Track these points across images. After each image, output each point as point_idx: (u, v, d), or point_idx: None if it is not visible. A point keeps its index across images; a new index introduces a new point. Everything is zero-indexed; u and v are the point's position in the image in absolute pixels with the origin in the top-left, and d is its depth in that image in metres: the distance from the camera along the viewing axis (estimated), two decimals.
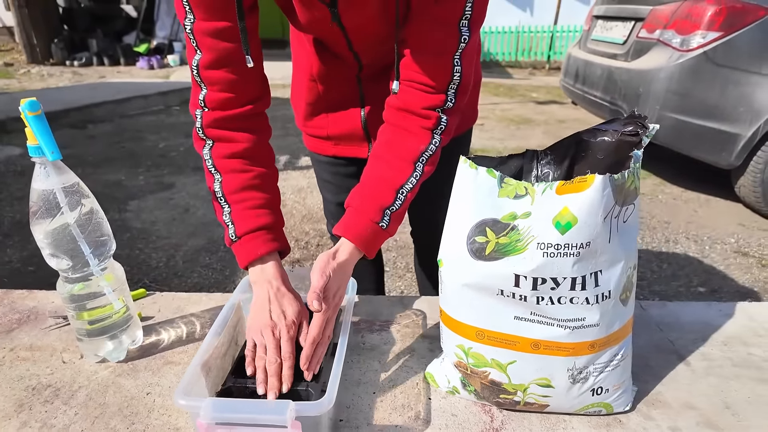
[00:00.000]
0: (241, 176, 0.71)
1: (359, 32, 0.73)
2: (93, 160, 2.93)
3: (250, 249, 0.70)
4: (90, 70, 6.00)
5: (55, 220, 0.66)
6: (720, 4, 2.19)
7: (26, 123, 0.61)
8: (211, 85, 0.69)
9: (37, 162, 0.65)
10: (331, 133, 0.93)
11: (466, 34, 0.66)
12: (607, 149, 0.65)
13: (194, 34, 0.66)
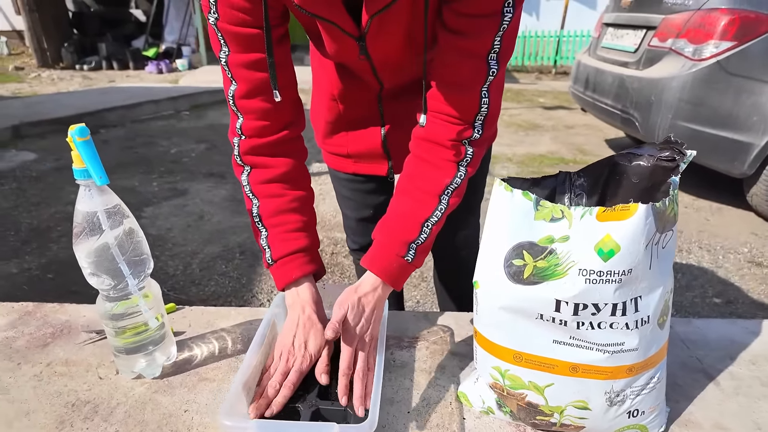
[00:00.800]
0: (277, 200, 0.74)
1: (385, 61, 0.75)
2: (107, 165, 2.92)
3: (285, 272, 0.72)
4: (99, 74, 6.04)
5: (96, 241, 0.67)
6: (733, 14, 2.19)
7: (74, 147, 0.63)
8: (247, 113, 0.71)
9: (82, 184, 0.66)
10: (351, 151, 0.95)
11: (494, 67, 0.66)
12: (642, 174, 0.65)
13: (229, 66, 0.68)
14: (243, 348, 0.79)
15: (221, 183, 2.76)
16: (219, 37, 0.67)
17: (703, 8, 2.30)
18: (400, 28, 0.66)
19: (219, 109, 4.53)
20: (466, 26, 0.62)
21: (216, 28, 0.66)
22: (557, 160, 3.43)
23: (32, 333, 0.84)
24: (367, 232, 1.08)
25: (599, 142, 3.96)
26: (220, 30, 0.66)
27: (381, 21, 0.63)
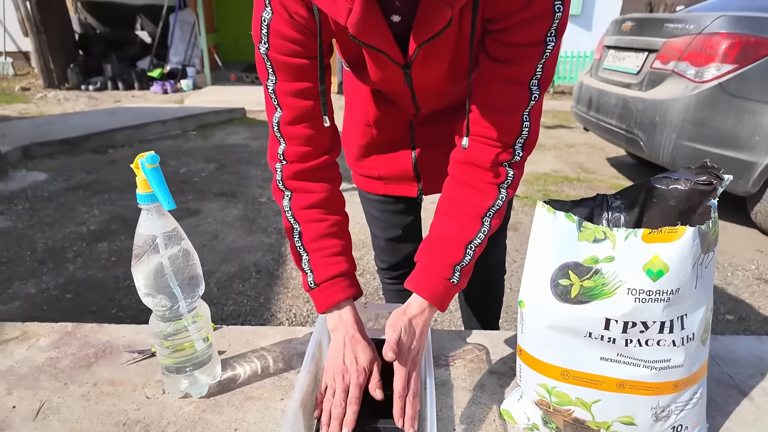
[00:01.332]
0: (318, 225, 0.76)
1: (426, 88, 0.78)
2: (118, 185, 2.97)
3: (328, 296, 0.74)
4: (105, 95, 6.11)
5: (154, 263, 0.70)
6: (734, 38, 2.27)
7: (143, 174, 0.65)
8: (290, 139, 0.73)
9: (144, 208, 0.69)
10: (382, 173, 0.98)
11: (536, 93, 0.68)
12: (679, 197, 0.69)
13: (276, 93, 0.71)
14: (284, 366, 0.81)
15: (233, 202, 2.79)
16: (268, 66, 0.69)
17: (704, 32, 2.38)
18: (445, 56, 0.70)
19: (225, 129, 4.58)
20: (510, 55, 0.65)
21: (266, 58, 0.68)
22: (561, 178, 3.48)
23: (75, 353, 0.85)
24: (395, 252, 1.11)
25: (601, 161, 4.03)
26: (270, 59, 0.68)
27: (427, 50, 0.67)
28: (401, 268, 1.14)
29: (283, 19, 0.65)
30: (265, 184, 3.11)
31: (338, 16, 0.59)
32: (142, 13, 7.68)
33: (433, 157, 0.94)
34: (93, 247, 2.20)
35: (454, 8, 0.58)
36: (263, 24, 0.66)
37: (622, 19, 3.15)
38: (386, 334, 0.68)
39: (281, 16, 0.65)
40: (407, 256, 1.13)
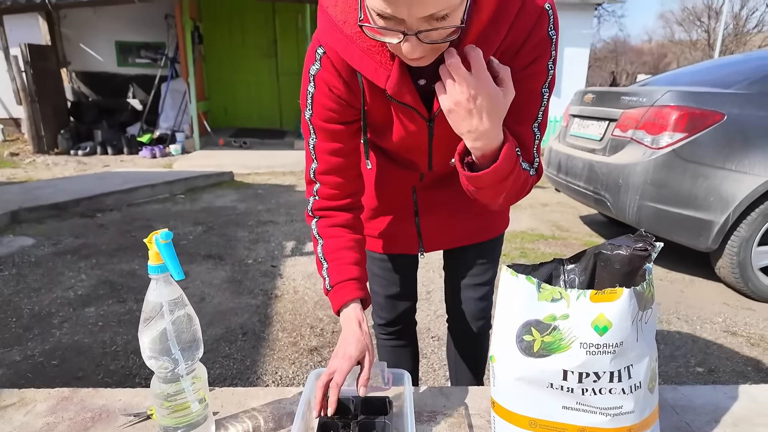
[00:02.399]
0: (338, 240, 0.90)
1: (443, 140, 0.88)
2: (106, 249, 3.01)
3: (340, 295, 0.87)
4: (94, 159, 6.23)
5: (159, 328, 0.77)
6: (682, 111, 2.52)
7: (153, 247, 0.74)
8: (323, 184, 0.90)
9: (154, 278, 0.77)
10: (385, 234, 1.09)
11: (537, 134, 0.84)
12: (622, 261, 0.80)
13: (315, 150, 0.88)
14: (275, 426, 0.86)
15: (220, 264, 2.84)
16: (310, 128, 0.86)
17: (655, 105, 2.63)
18: None
19: (213, 192, 4.69)
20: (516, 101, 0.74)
21: (309, 122, 0.86)
22: (537, 236, 3.63)
23: (72, 418, 0.89)
24: (393, 308, 1.20)
25: (574, 219, 4.22)
26: (312, 124, 0.86)
27: None
28: (397, 324, 1.22)
29: (324, 93, 0.82)
30: (252, 245, 3.18)
31: (379, 80, 0.75)
32: (135, 82, 7.99)
33: (434, 219, 1.07)
34: (80, 312, 2.21)
35: None
36: (308, 96, 0.83)
37: (584, 92, 3.45)
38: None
39: (322, 90, 0.81)
40: (404, 312, 1.22)
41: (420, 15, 0.59)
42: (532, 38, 0.74)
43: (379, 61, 0.74)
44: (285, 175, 5.63)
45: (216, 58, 8.16)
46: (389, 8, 0.59)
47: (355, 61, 0.75)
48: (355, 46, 0.73)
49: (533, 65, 0.77)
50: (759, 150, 2.44)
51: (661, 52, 29.84)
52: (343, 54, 0.75)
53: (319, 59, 0.79)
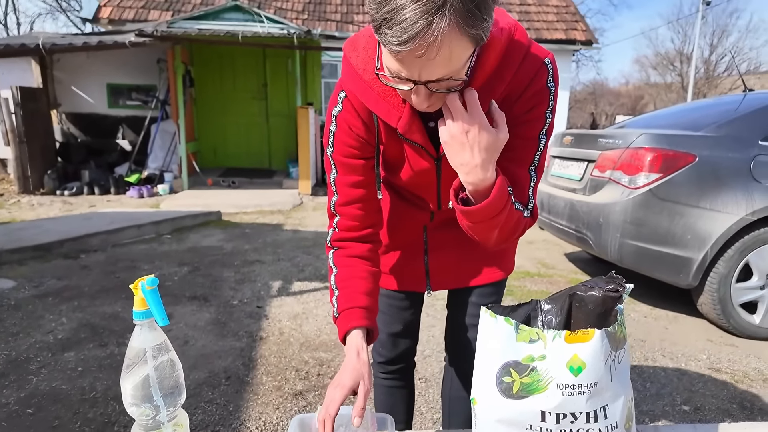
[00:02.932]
0: (351, 269, 0.94)
1: (451, 179, 0.92)
2: (89, 291, 2.96)
3: (345, 322, 0.89)
4: (80, 199, 6.19)
5: (142, 374, 0.77)
6: (656, 152, 2.63)
7: (141, 294, 0.75)
8: (343, 215, 0.95)
9: (138, 324, 0.78)
10: (396, 270, 1.13)
11: (534, 176, 0.90)
12: (596, 302, 0.83)
13: (336, 183, 0.94)
14: None
15: (205, 306, 2.81)
16: (332, 164, 0.93)
17: (631, 147, 2.75)
18: None
19: (200, 232, 4.68)
20: (515, 144, 0.85)
21: (331, 158, 0.93)
22: (523, 273, 3.67)
23: None
24: (394, 346, 1.21)
25: (559, 256, 4.28)
26: (333, 160, 0.93)
27: None
28: (397, 363, 1.24)
29: (344, 131, 0.90)
30: (237, 286, 3.15)
31: (391, 120, 0.85)
32: (125, 123, 8.07)
33: (442, 259, 1.12)
34: (59, 357, 2.15)
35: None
36: (330, 134, 0.92)
37: (563, 134, 3.59)
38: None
39: (343, 129, 0.90)
40: (404, 352, 1.23)
41: (429, 78, 0.68)
42: (531, 87, 0.83)
43: (392, 103, 0.83)
44: (273, 213, 5.65)
45: (206, 100, 8.31)
46: (404, 71, 0.68)
47: (372, 103, 0.85)
48: (372, 90, 0.84)
49: (532, 112, 0.85)
50: (730, 189, 2.55)
51: (638, 94, 31.13)
52: (361, 97, 0.85)
53: (341, 102, 0.89)
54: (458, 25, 0.61)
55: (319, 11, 9.74)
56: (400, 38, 0.61)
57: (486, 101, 0.80)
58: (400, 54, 0.64)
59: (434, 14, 0.59)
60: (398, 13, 0.60)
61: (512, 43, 0.79)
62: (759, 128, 2.67)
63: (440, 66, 0.65)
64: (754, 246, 2.56)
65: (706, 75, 26.00)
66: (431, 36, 0.60)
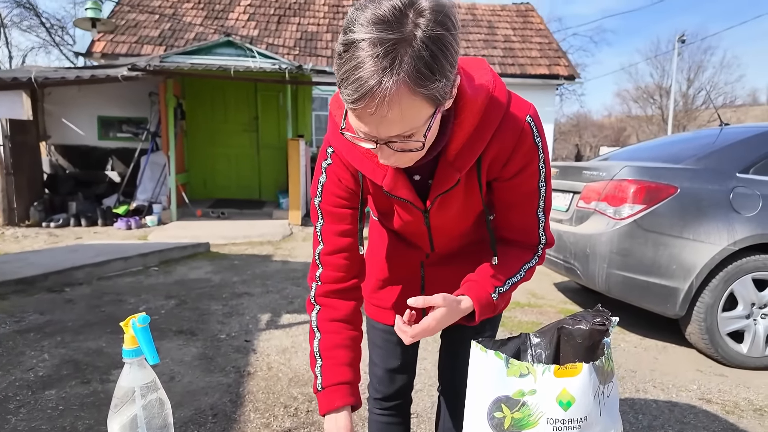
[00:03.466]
0: (336, 336, 0.93)
1: (440, 228, 1.00)
2: (72, 326, 2.89)
3: (329, 400, 0.88)
4: (66, 231, 6.12)
5: (130, 414, 0.76)
6: (639, 184, 2.70)
7: (129, 331, 0.75)
8: (327, 266, 0.95)
9: (128, 362, 0.77)
10: (393, 305, 1.14)
11: (542, 217, 0.94)
12: (583, 335, 0.84)
13: (322, 233, 0.95)
14: None
15: (191, 340, 2.76)
16: (318, 213, 0.95)
17: (614, 179, 2.82)
18: (455, 204, 0.93)
19: (188, 264, 4.63)
20: (517, 199, 0.92)
21: (318, 207, 0.95)
22: (514, 304, 3.67)
23: None
24: (391, 382, 1.20)
25: (549, 287, 4.30)
26: (320, 209, 0.95)
27: (442, 200, 0.91)
28: (394, 399, 1.23)
29: (333, 183, 0.93)
30: (225, 319, 3.11)
31: (376, 178, 0.87)
32: (115, 155, 8.08)
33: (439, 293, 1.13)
34: (39, 395, 2.08)
35: (461, 173, 0.85)
36: (319, 185, 0.94)
37: None
38: (435, 298, 0.85)
39: (332, 180, 0.93)
40: (401, 388, 1.23)
41: (387, 135, 0.70)
42: (519, 149, 0.85)
43: (376, 162, 0.85)
44: (262, 244, 5.62)
45: (197, 132, 8.38)
46: (363, 128, 0.70)
47: (356, 162, 0.88)
48: (356, 150, 0.86)
49: (525, 170, 0.88)
50: (712, 220, 2.61)
51: (621, 126, 32.01)
52: (346, 156, 0.88)
53: (330, 156, 0.93)
54: (407, 85, 0.63)
55: (310, 47, 9.99)
56: (353, 96, 0.64)
57: (468, 161, 0.83)
58: (356, 111, 0.67)
59: (383, 74, 0.62)
60: (354, 72, 0.63)
61: (491, 102, 0.81)
62: (736, 161, 2.76)
63: (395, 124, 0.67)
64: (738, 275, 2.61)
65: (685, 108, 26.92)
66: (380, 94, 0.62)
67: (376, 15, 0.62)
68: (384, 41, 0.61)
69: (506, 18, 11.46)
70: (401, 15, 0.62)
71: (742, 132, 3.02)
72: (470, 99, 0.78)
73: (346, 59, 0.64)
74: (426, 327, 0.85)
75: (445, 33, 0.64)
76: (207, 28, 9.91)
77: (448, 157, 0.83)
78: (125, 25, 9.51)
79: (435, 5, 0.64)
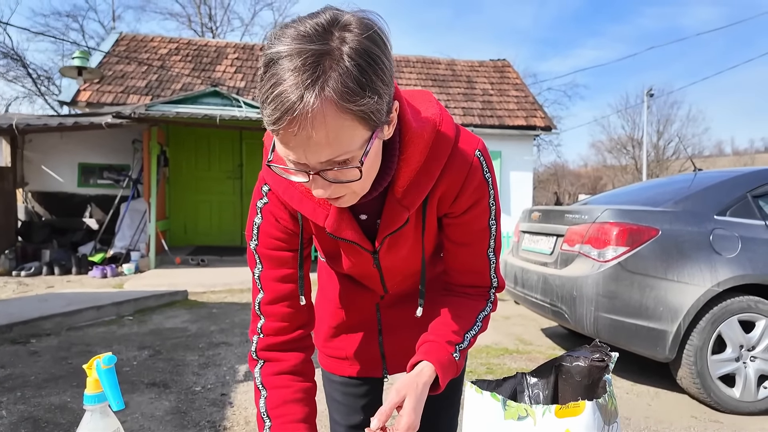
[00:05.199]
0: (284, 391, 0.83)
1: (391, 269, 0.92)
2: (35, 380, 2.70)
3: None
4: (37, 280, 5.88)
5: None
6: (621, 226, 2.73)
7: (93, 374, 0.68)
8: (269, 316, 0.85)
9: (89, 410, 0.70)
10: (349, 353, 1.05)
11: (492, 258, 0.89)
12: (581, 372, 0.80)
13: (261, 279, 0.86)
14: None
15: (164, 393, 2.59)
16: (256, 258, 0.85)
17: (596, 221, 2.85)
18: (405, 243, 0.87)
19: (164, 313, 4.45)
20: (468, 238, 0.87)
21: (255, 252, 0.85)
22: (502, 350, 3.58)
23: None
24: None
25: (536, 332, 4.23)
26: (258, 253, 0.85)
27: (391, 240, 0.85)
28: None
29: (270, 223, 0.83)
30: (201, 370, 2.95)
31: (318, 219, 0.79)
32: (94, 202, 7.94)
33: (398, 339, 1.04)
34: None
35: (410, 211, 0.79)
36: (254, 227, 0.84)
37: (531, 210, 3.71)
38: (392, 396, 0.75)
39: (269, 221, 0.83)
40: None
41: (317, 161, 0.62)
42: (469, 185, 0.80)
43: (317, 201, 0.78)
44: (242, 292, 5.46)
45: (180, 179, 8.35)
46: (290, 154, 0.62)
47: (295, 202, 0.79)
48: (294, 188, 0.78)
49: (476, 207, 0.83)
50: (694, 261, 2.63)
51: (597, 175, 33.10)
52: (283, 195, 0.80)
53: (266, 194, 0.83)
54: (333, 101, 0.57)
55: None
56: (274, 115, 0.58)
57: (417, 199, 0.78)
58: (279, 135, 0.60)
59: (304, 89, 0.56)
60: (275, 88, 0.57)
61: (438, 137, 0.76)
62: (713, 204, 2.83)
63: (323, 147, 0.60)
64: (724, 317, 2.60)
65: (657, 158, 28.09)
66: (302, 111, 0.56)
67: (298, 31, 0.58)
68: (306, 52, 0.56)
69: (484, 73, 11.99)
70: (325, 31, 0.58)
71: (716, 176, 3.12)
72: (416, 133, 0.74)
73: (266, 79, 0.58)
74: (408, 426, 0.73)
75: (373, 46, 0.60)
76: (194, 78, 10.11)
77: (396, 194, 0.77)
78: (112, 75, 9.65)
79: (362, 21, 0.60)
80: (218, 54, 11.23)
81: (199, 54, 11.11)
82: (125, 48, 10.69)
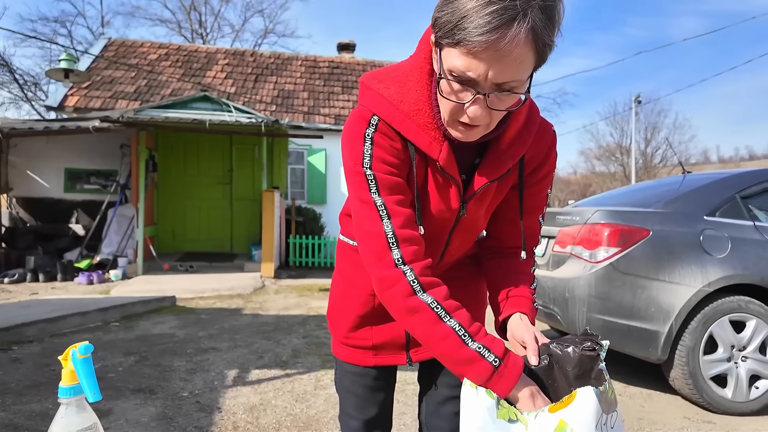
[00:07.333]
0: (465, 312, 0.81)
1: (467, 223, 0.95)
2: (16, 387, 2.62)
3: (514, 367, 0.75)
4: (21, 287, 5.75)
5: None
6: (612, 227, 2.73)
7: (68, 365, 0.65)
8: (404, 242, 0.81)
9: (64, 403, 0.66)
10: (375, 342, 1.03)
11: (549, 196, 1.02)
12: (572, 362, 0.78)
13: (386, 205, 0.81)
14: None
15: (150, 399, 2.52)
16: (374, 184, 0.81)
17: (588, 222, 2.85)
18: (484, 204, 0.93)
19: (151, 319, 4.37)
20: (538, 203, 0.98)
21: (374, 177, 0.81)
22: None
23: None
24: None
25: None
26: (377, 178, 0.81)
27: (483, 192, 0.90)
28: None
29: (384, 148, 0.82)
30: (189, 376, 2.88)
31: (433, 152, 0.82)
32: (81, 207, 7.83)
33: None
34: None
35: (513, 161, 0.87)
36: (367, 153, 0.81)
37: None
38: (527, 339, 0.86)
39: (382, 146, 0.82)
40: None
41: (496, 80, 0.69)
42: (550, 154, 0.93)
43: (433, 137, 0.82)
44: (232, 298, 5.39)
45: (169, 184, 8.25)
46: (478, 68, 0.68)
47: (412, 134, 0.82)
48: (412, 121, 0.82)
49: (549, 174, 0.96)
50: (685, 262, 2.64)
51: (586, 183, 33.40)
52: (400, 127, 0.82)
53: (375, 124, 0.83)
54: (533, 32, 0.66)
55: (286, 104, 10.22)
56: (491, 24, 0.63)
57: (519, 151, 0.87)
58: (480, 46, 0.65)
59: (517, 11, 0.64)
60: (487, 7, 0.63)
61: (531, 108, 0.88)
62: (702, 205, 2.84)
63: (510, 67, 0.68)
64: (715, 317, 2.60)
65: (645, 165, 28.43)
66: (517, 29, 0.64)
67: None
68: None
69: None
70: None
71: (705, 178, 3.14)
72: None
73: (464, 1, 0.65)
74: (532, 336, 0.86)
75: (558, 3, 0.69)
76: (184, 84, 10.05)
77: (502, 146, 0.85)
78: (101, 80, 9.56)
79: None
80: (208, 60, 11.20)
81: (189, 59, 11.07)
82: (114, 53, 10.62)
